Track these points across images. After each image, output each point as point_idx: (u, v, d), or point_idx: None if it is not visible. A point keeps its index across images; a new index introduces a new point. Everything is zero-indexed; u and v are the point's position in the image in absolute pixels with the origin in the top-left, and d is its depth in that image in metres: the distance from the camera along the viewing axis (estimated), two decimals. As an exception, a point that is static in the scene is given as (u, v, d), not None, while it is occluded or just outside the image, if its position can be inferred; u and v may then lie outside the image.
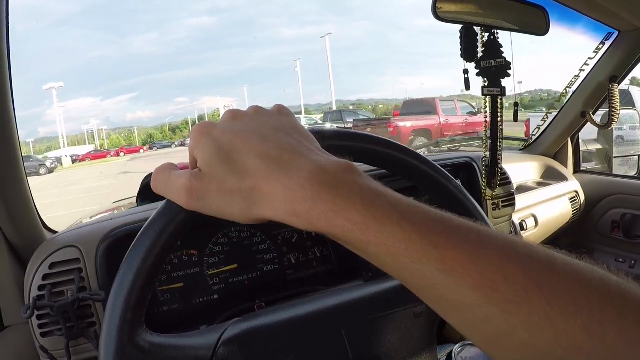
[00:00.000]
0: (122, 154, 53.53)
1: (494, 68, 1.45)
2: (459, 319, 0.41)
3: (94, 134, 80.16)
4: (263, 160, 0.45)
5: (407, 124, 14.94)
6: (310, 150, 0.48)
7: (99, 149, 64.71)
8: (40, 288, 0.97)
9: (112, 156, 51.68)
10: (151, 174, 0.54)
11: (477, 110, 16.07)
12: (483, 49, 1.46)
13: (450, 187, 0.79)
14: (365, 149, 0.71)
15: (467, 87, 1.51)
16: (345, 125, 21.14)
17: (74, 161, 46.85)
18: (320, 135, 0.57)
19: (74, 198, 14.61)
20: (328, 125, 22.69)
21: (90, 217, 1.52)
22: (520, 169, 2.31)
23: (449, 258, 0.38)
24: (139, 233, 0.56)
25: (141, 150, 57.11)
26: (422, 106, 16.71)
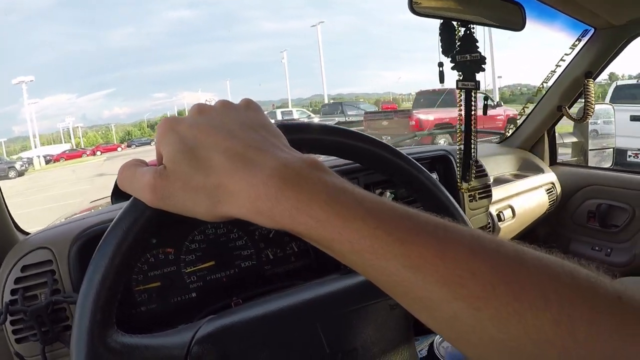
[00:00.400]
0: (98, 152, 51.70)
1: (468, 62, 1.46)
2: (428, 315, 0.40)
3: (69, 132, 78.38)
4: (228, 156, 0.45)
5: (429, 117, 13.67)
6: (276, 147, 0.47)
7: (74, 147, 62.69)
8: (13, 292, 0.95)
9: (88, 155, 49.71)
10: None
11: (495, 103, 15.43)
12: (459, 43, 1.47)
13: (422, 178, 0.79)
14: (334, 142, 0.70)
15: (442, 80, 1.52)
16: (347, 119, 20.23)
17: (47, 162, 45.00)
18: (287, 129, 0.56)
19: (39, 209, 12.21)
20: (316, 119, 21.68)
21: (65, 218, 1.50)
22: (498, 161, 2.35)
23: (416, 254, 0.38)
24: (106, 232, 0.55)
25: (119, 149, 55.39)
26: (439, 97, 15.09)
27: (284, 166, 0.43)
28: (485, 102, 1.88)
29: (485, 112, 1.81)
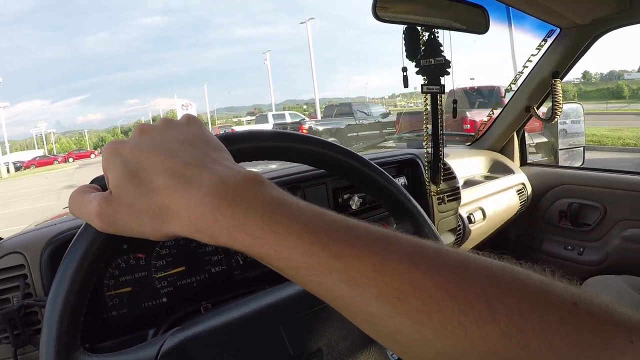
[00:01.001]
0: (70, 159, 50.53)
1: (433, 66, 1.48)
2: (372, 329, 0.40)
3: (42, 138, 76.57)
4: (168, 176, 0.45)
5: (484, 118, 12.58)
6: (216, 162, 0.47)
7: (46, 154, 60.20)
8: None
9: (59, 162, 48.16)
10: (100, 176, 0.53)
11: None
12: (423, 48, 1.49)
13: (374, 175, 0.80)
14: (278, 147, 0.70)
15: (406, 84, 1.53)
16: (357, 122, 18.72)
17: (17, 168, 43.42)
18: (227, 140, 0.57)
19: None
20: (299, 123, 19.69)
21: (35, 225, 1.49)
22: (468, 163, 2.37)
23: (353, 269, 0.38)
24: (63, 258, 0.56)
25: (92, 155, 54.07)
26: (483, 96, 13.71)
27: (221, 183, 0.43)
28: (455, 105, 1.90)
29: (454, 116, 1.84)
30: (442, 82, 1.53)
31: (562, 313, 0.33)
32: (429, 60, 1.47)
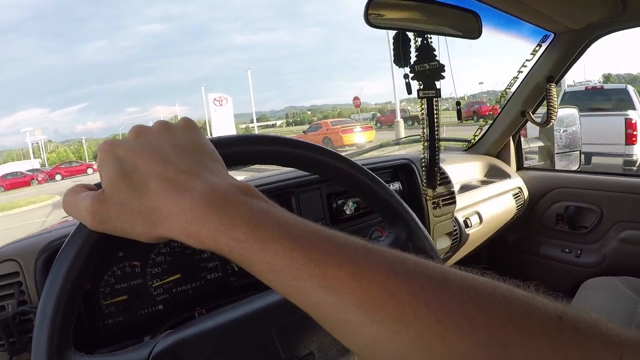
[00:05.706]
0: (58, 176, 37.66)
1: (427, 71, 1.48)
2: (349, 340, 0.41)
3: (39, 146, 72.84)
4: (161, 182, 0.46)
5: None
6: (208, 170, 0.48)
7: (36, 167, 46.07)
8: None
9: (39, 182, 35.27)
10: (99, 183, 0.54)
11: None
12: (417, 53, 1.49)
13: (365, 179, 0.80)
14: (268, 151, 0.71)
15: (409, 91, 1.53)
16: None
17: None
18: (219, 144, 0.58)
19: None
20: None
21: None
22: (464, 168, 2.37)
23: (331, 275, 0.39)
24: (56, 257, 0.56)
25: (89, 170, 39.39)
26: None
27: (212, 190, 0.45)
28: (458, 107, 1.90)
29: (459, 118, 1.83)
30: (438, 87, 1.53)
31: (546, 326, 0.33)
32: (423, 66, 1.47)
